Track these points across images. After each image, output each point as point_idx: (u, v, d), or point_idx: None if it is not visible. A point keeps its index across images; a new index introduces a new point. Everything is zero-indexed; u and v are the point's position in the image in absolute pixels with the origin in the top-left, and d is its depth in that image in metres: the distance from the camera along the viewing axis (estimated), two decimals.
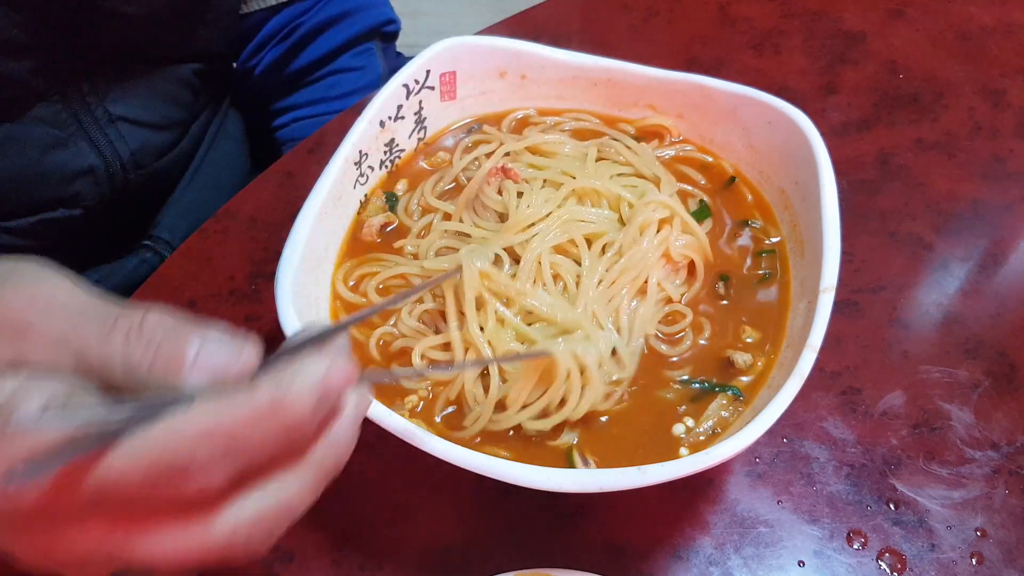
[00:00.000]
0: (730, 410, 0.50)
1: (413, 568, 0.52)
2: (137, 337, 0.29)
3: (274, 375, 0.28)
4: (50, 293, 0.30)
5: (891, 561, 0.51)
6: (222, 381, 0.28)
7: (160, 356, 0.29)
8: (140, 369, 0.29)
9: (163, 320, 0.29)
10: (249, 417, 0.27)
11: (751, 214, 0.60)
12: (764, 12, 0.85)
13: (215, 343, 0.29)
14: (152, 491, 0.28)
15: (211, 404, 0.27)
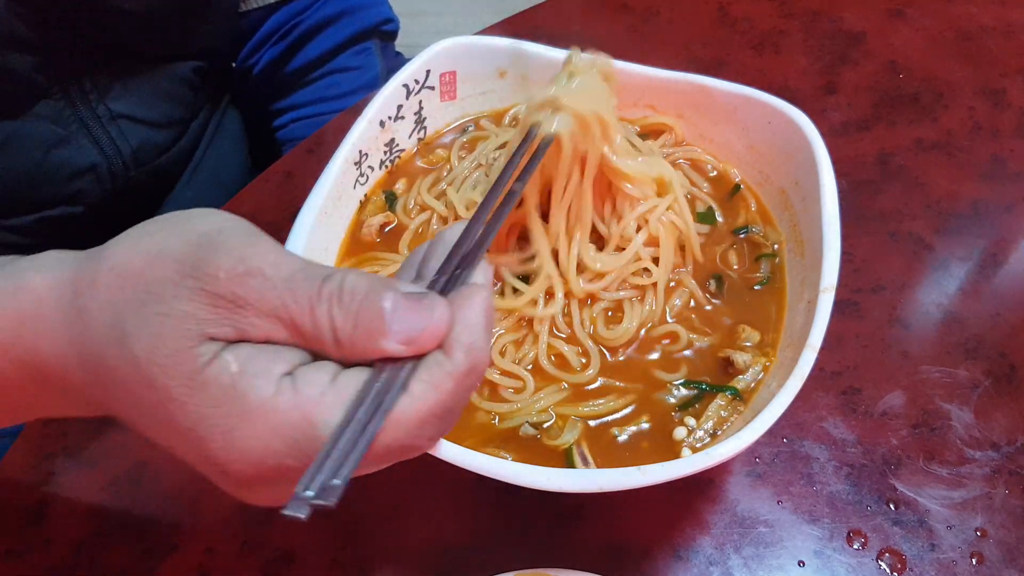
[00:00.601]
0: (730, 410, 0.50)
1: (413, 568, 0.52)
2: (339, 305, 0.30)
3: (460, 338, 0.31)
4: (259, 262, 0.31)
5: (891, 561, 0.51)
6: (420, 349, 0.31)
7: (360, 325, 0.30)
8: (344, 337, 0.31)
9: (358, 285, 0.31)
10: (455, 389, 0.31)
11: (752, 219, 0.60)
12: (764, 12, 0.85)
13: (407, 311, 0.31)
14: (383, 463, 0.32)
15: (426, 389, 0.30)
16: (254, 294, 0.30)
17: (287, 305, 0.30)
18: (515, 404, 0.51)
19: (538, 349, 0.52)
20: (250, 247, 0.31)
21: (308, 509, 0.27)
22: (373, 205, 0.61)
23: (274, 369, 0.30)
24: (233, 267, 0.30)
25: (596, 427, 0.51)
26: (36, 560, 0.53)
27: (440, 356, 0.31)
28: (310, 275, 0.31)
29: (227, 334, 0.30)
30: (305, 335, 0.31)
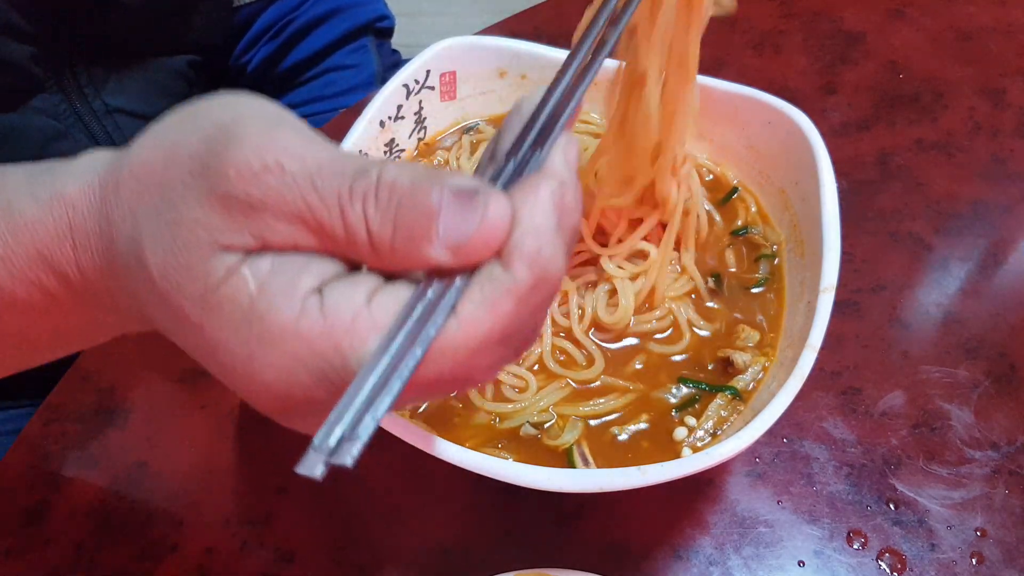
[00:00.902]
0: (730, 410, 0.50)
1: (413, 568, 0.52)
2: (375, 204, 0.25)
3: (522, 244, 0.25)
4: (278, 155, 0.25)
5: (891, 561, 0.51)
6: (472, 258, 0.25)
7: (401, 228, 0.25)
8: (382, 243, 0.25)
9: (399, 179, 0.25)
10: (516, 309, 0.26)
11: (752, 220, 0.60)
12: (764, 12, 0.85)
13: (455, 211, 0.25)
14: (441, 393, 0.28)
15: (477, 311, 0.25)
16: (272, 194, 0.25)
17: (312, 206, 0.25)
18: (517, 404, 0.51)
19: (543, 348, 0.53)
20: (268, 137, 0.26)
21: (323, 468, 0.23)
22: None
23: (299, 285, 0.25)
24: (246, 163, 0.25)
25: (596, 427, 0.51)
26: (36, 560, 0.53)
27: (496, 269, 0.26)
28: (341, 168, 0.26)
29: (246, 243, 0.26)
30: (336, 241, 0.26)
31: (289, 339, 0.25)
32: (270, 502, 0.54)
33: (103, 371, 0.61)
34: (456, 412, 0.51)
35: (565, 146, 0.28)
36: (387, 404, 0.24)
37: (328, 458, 0.23)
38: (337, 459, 0.24)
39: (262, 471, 0.56)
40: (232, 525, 0.54)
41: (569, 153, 0.28)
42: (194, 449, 0.57)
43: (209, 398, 0.59)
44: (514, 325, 0.26)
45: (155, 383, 0.61)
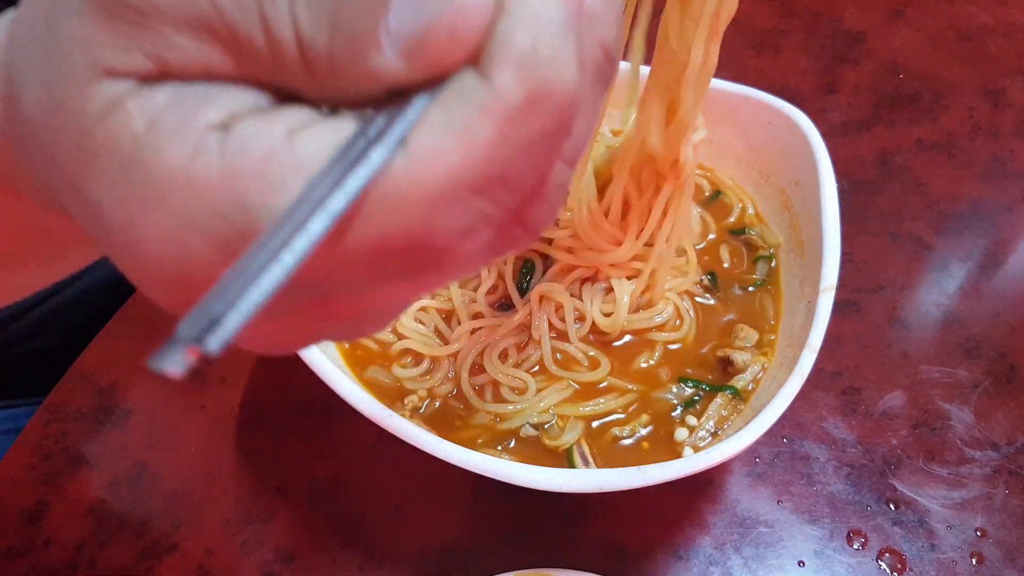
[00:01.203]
0: (730, 409, 0.50)
1: (413, 568, 0.52)
2: (306, 2, 0.18)
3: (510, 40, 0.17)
4: None
5: (891, 561, 0.51)
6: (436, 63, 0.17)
7: (341, 29, 0.17)
8: (318, 54, 0.18)
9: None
10: (501, 135, 0.17)
11: (751, 222, 0.60)
12: (764, 12, 0.85)
13: None
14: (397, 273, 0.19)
15: (438, 138, 0.17)
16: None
17: (221, 7, 0.18)
18: (517, 404, 0.51)
19: (543, 351, 0.53)
20: None
21: (183, 360, 0.16)
22: None
23: (197, 120, 0.18)
24: None
25: (596, 427, 0.51)
26: (36, 560, 0.53)
27: (470, 78, 0.17)
28: None
29: (137, 66, 0.18)
30: (258, 57, 0.18)
31: (179, 192, 0.18)
32: (270, 502, 0.54)
33: (103, 371, 0.61)
34: (457, 412, 0.51)
35: None
36: (277, 275, 0.16)
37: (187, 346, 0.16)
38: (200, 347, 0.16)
39: (262, 471, 0.56)
40: (232, 525, 0.54)
41: None
42: (194, 449, 0.57)
43: (209, 398, 0.59)
44: (498, 163, 0.18)
45: (155, 383, 0.61)
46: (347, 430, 0.56)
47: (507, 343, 0.53)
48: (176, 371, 0.16)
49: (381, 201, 0.17)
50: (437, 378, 0.53)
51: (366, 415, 0.45)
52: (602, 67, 0.20)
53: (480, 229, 0.19)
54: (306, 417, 0.57)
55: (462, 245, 0.19)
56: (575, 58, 0.18)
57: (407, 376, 0.53)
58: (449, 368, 0.53)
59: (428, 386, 0.52)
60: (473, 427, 0.51)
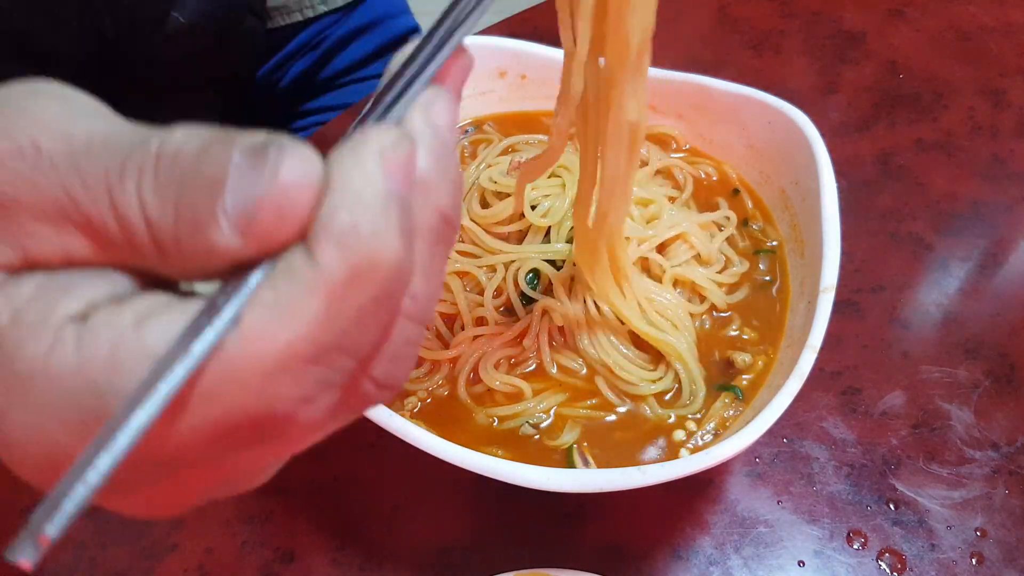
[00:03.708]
0: (730, 410, 0.50)
1: (413, 568, 0.52)
2: (152, 184, 0.18)
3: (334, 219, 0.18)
4: (35, 131, 0.19)
5: (891, 561, 0.51)
6: (268, 239, 0.19)
7: (183, 207, 0.18)
8: (164, 233, 0.19)
9: (186, 145, 0.19)
10: (328, 314, 0.18)
11: (752, 216, 0.60)
12: (764, 12, 0.85)
13: (243, 176, 0.18)
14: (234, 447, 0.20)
15: (265, 318, 0.18)
16: (24, 185, 0.19)
17: (74, 195, 0.19)
18: (515, 407, 0.51)
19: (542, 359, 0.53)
20: (23, 113, 0.19)
21: (35, 549, 0.17)
22: None
23: (55, 313, 0.19)
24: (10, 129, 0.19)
25: (596, 427, 0.51)
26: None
27: (298, 257, 0.18)
28: (116, 142, 0.19)
29: (3, 257, 0.19)
30: (111, 242, 0.19)
31: (38, 382, 0.19)
32: (270, 502, 0.54)
33: None
34: (457, 413, 0.51)
35: (428, 102, 0.21)
36: (105, 466, 0.17)
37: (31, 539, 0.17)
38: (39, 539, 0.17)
39: None
40: (232, 525, 0.54)
41: (434, 111, 0.21)
42: None
43: None
44: (329, 334, 0.19)
45: None
46: (347, 430, 0.56)
47: (504, 353, 0.53)
48: (27, 562, 0.16)
49: (217, 378, 0.18)
50: (436, 380, 0.52)
51: (366, 415, 0.45)
52: (439, 230, 0.21)
53: (321, 394, 0.20)
54: None
55: (305, 411, 0.20)
56: (398, 230, 0.19)
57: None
58: (448, 372, 0.53)
59: (427, 387, 0.52)
60: (473, 427, 0.51)
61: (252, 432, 0.20)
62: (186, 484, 0.21)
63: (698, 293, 0.55)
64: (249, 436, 0.20)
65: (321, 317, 0.18)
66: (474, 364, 0.52)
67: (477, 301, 0.54)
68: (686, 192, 0.60)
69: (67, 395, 0.19)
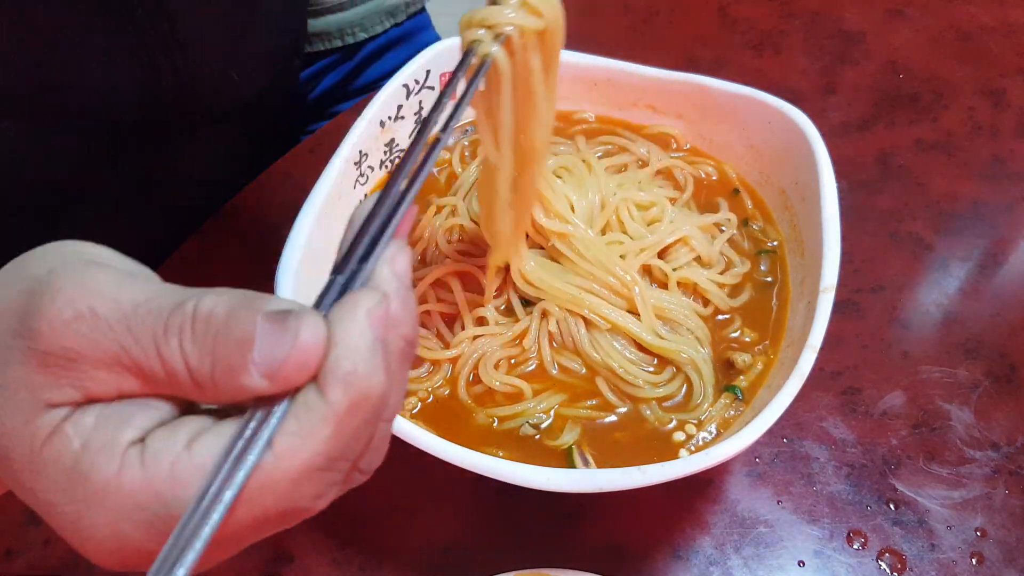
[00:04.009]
0: (731, 410, 0.50)
1: (413, 568, 0.52)
2: (191, 339, 0.25)
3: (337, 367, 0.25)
4: (90, 301, 0.25)
5: (891, 561, 0.51)
6: (289, 383, 0.25)
7: (219, 360, 0.25)
8: (203, 378, 0.25)
9: (216, 309, 0.25)
10: (336, 434, 0.25)
11: (752, 216, 0.60)
12: (764, 12, 0.85)
13: (268, 336, 0.25)
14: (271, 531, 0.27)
15: (293, 442, 0.25)
16: (86, 343, 0.25)
17: (129, 349, 0.25)
18: (516, 407, 0.51)
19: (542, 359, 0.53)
20: (79, 284, 0.25)
21: None
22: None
23: (120, 439, 0.25)
24: (58, 314, 0.25)
25: (596, 427, 0.51)
26: (36, 560, 0.53)
27: (312, 395, 0.25)
28: (157, 306, 0.25)
29: (70, 397, 0.25)
30: (158, 382, 0.25)
31: (112, 495, 0.25)
32: None
33: None
34: (457, 413, 0.51)
35: (392, 256, 0.28)
36: (195, 552, 0.23)
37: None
38: None
39: None
40: None
41: (397, 263, 0.28)
42: None
43: None
44: (336, 449, 0.25)
45: None
46: None
47: (505, 353, 0.53)
48: None
49: (258, 489, 0.25)
50: (436, 380, 0.53)
51: None
52: (406, 352, 0.28)
53: (329, 490, 0.27)
54: None
55: (317, 503, 0.27)
56: (383, 366, 0.25)
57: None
58: (448, 372, 0.53)
59: (428, 387, 0.52)
60: (473, 427, 0.51)
61: (278, 521, 0.26)
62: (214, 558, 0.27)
63: (700, 295, 0.55)
64: (275, 523, 0.27)
65: (331, 439, 0.25)
66: (474, 364, 0.52)
67: (477, 301, 0.54)
68: (687, 192, 0.60)
69: (138, 503, 0.25)
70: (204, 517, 0.24)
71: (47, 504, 0.26)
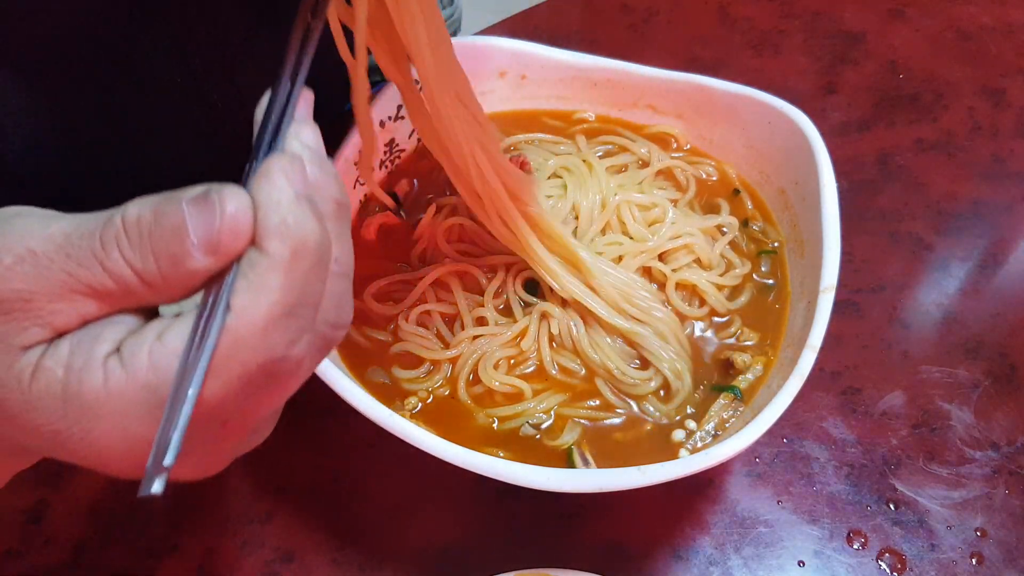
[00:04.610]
0: (731, 410, 0.50)
1: (413, 568, 0.52)
2: (128, 246, 0.26)
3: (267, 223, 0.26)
4: (26, 242, 0.26)
5: (891, 561, 0.51)
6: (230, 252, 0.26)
7: (160, 256, 0.26)
8: (152, 278, 0.26)
9: (141, 213, 0.26)
10: (287, 282, 0.26)
11: (752, 217, 0.60)
12: (764, 12, 0.85)
13: (198, 216, 0.26)
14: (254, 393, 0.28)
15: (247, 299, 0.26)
16: (34, 281, 0.26)
17: (74, 273, 0.26)
18: (516, 408, 0.51)
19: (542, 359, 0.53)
20: (9, 233, 0.26)
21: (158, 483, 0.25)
22: (373, 205, 0.61)
23: (97, 354, 0.26)
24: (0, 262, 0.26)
25: (596, 428, 0.51)
26: (36, 560, 0.53)
27: (253, 254, 0.26)
28: (87, 228, 0.26)
29: (39, 336, 0.27)
30: (113, 295, 0.27)
31: (106, 402, 0.26)
32: (270, 502, 0.54)
33: None
34: (457, 413, 0.51)
35: (296, 131, 0.30)
36: (184, 417, 0.25)
37: (156, 474, 0.25)
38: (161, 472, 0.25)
39: (262, 471, 0.56)
40: (232, 525, 0.54)
41: (302, 134, 0.30)
42: None
43: None
44: (293, 294, 0.27)
45: None
46: (347, 430, 0.56)
47: (504, 353, 0.53)
48: (159, 489, 0.25)
49: (229, 346, 0.26)
50: (436, 380, 0.53)
51: (366, 415, 0.45)
52: (338, 211, 0.29)
53: (300, 337, 0.27)
54: (306, 417, 0.57)
55: (293, 350, 0.27)
56: (312, 214, 0.27)
57: (407, 377, 0.53)
58: (448, 372, 0.53)
59: (428, 387, 0.52)
60: (473, 427, 0.51)
61: (262, 375, 0.27)
62: (226, 439, 0.29)
63: (699, 296, 0.55)
64: (261, 379, 0.27)
65: (283, 285, 0.26)
66: (474, 364, 0.52)
67: (477, 301, 0.54)
68: (689, 193, 0.60)
69: (131, 401, 0.26)
70: (186, 386, 0.25)
71: (53, 435, 0.27)
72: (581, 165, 0.59)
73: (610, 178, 0.59)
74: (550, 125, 0.65)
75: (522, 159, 0.58)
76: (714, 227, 0.58)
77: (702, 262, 0.56)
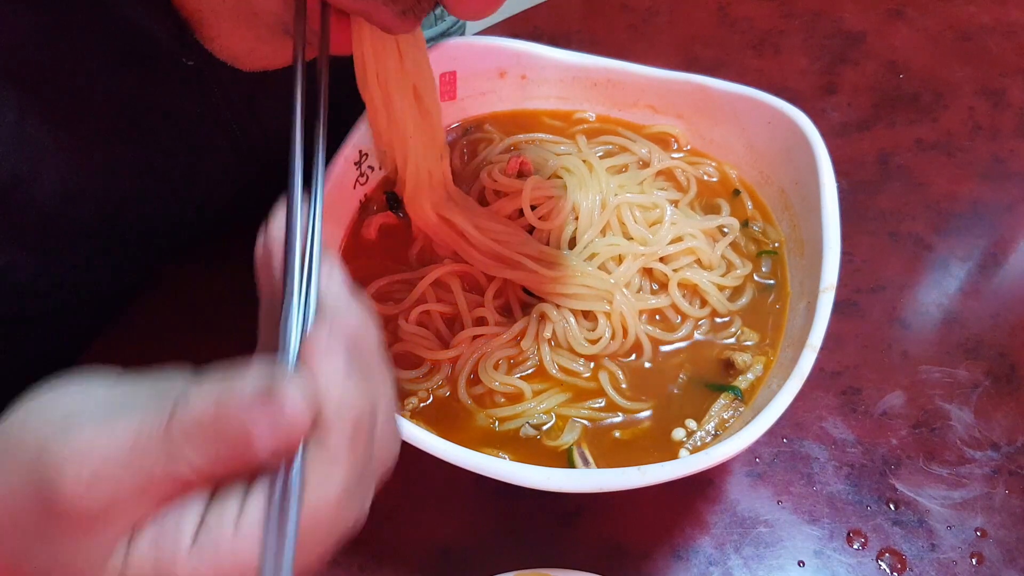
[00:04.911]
0: (731, 410, 0.50)
1: (413, 568, 0.52)
2: (194, 447, 0.26)
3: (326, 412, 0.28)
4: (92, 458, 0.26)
5: (891, 561, 0.51)
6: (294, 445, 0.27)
7: (226, 460, 0.27)
8: (218, 472, 0.27)
9: (203, 413, 0.27)
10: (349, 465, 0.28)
11: (752, 217, 0.60)
12: (764, 12, 0.85)
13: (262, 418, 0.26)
14: None
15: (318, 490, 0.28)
16: (109, 496, 0.26)
17: (146, 483, 0.26)
18: (516, 408, 0.51)
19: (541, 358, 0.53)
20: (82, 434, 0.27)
21: None
22: (373, 205, 0.61)
23: (181, 543, 0.27)
24: (75, 486, 0.26)
25: (596, 428, 0.51)
26: None
27: (314, 448, 0.28)
28: (151, 428, 0.27)
29: (119, 540, 0.27)
30: (179, 490, 0.27)
31: None
32: None
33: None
34: (457, 413, 0.51)
35: (327, 279, 0.31)
36: None
37: None
38: None
39: None
40: None
41: (332, 281, 0.31)
42: None
43: None
44: (354, 474, 0.28)
45: None
46: None
47: (504, 354, 0.53)
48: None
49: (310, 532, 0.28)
50: (436, 380, 0.53)
51: None
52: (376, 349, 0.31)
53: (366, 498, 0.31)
54: None
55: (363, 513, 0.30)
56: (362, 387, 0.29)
57: (407, 377, 0.53)
58: (448, 372, 0.53)
59: (428, 387, 0.52)
60: (473, 427, 0.51)
61: (337, 545, 0.29)
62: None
63: (700, 296, 0.55)
64: (334, 547, 0.29)
65: (347, 468, 0.28)
66: (474, 365, 0.52)
67: (477, 301, 0.54)
68: (690, 194, 0.60)
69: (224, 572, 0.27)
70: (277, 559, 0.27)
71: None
72: (581, 165, 0.59)
73: (610, 178, 0.59)
74: (550, 125, 0.65)
75: (522, 159, 0.58)
76: (715, 228, 0.58)
77: (703, 263, 0.56)
